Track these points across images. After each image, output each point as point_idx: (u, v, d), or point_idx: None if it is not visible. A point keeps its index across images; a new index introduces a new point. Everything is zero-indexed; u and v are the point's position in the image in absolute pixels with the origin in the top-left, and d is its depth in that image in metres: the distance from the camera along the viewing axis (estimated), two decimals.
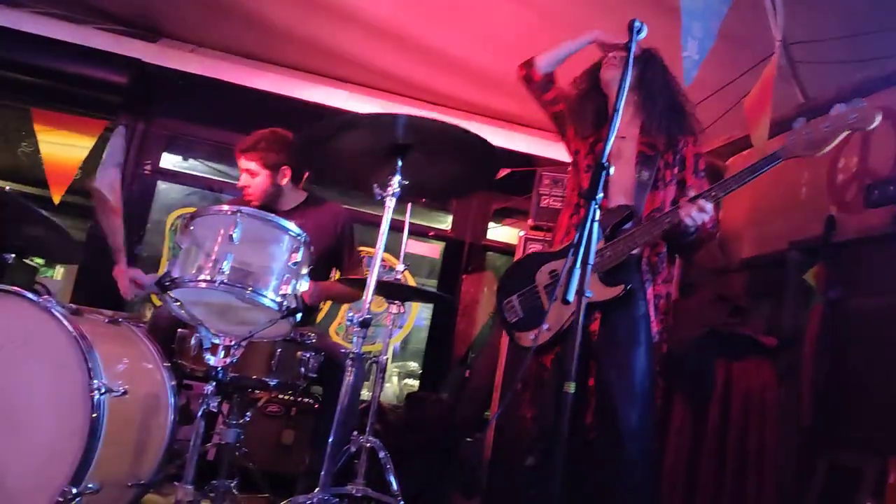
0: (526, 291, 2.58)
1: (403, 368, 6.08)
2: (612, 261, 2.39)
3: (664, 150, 2.54)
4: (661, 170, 2.52)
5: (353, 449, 2.68)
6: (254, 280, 2.06)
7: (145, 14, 4.52)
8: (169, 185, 4.97)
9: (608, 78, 2.62)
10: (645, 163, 2.51)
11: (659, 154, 2.53)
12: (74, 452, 1.92)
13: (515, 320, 2.59)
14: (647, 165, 2.50)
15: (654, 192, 2.50)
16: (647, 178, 2.48)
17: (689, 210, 2.27)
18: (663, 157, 2.54)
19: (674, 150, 2.55)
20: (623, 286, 2.35)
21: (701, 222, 2.28)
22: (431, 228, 5.35)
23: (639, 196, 2.47)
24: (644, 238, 2.37)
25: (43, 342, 2.01)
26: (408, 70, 4.54)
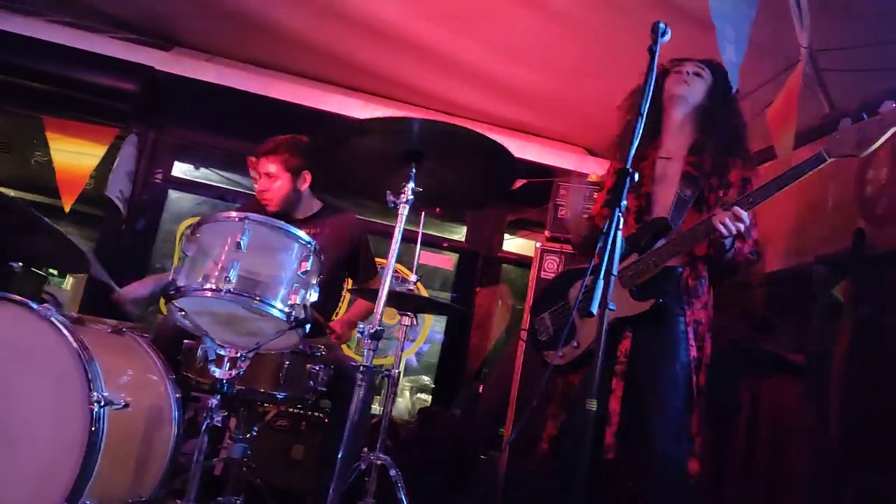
0: (557, 309, 2.52)
1: (416, 383, 5.99)
2: (644, 274, 2.31)
3: (710, 172, 2.45)
4: (704, 192, 2.43)
5: (363, 466, 2.60)
6: (261, 289, 1.99)
7: (160, 23, 4.51)
8: (180, 194, 4.93)
9: (678, 93, 2.53)
10: (689, 181, 2.42)
11: (704, 175, 2.44)
12: (72, 467, 1.84)
13: (546, 339, 2.52)
14: (690, 184, 2.42)
15: (696, 212, 2.41)
16: (689, 196, 2.40)
17: (723, 217, 2.17)
18: (708, 179, 2.45)
19: (720, 173, 2.46)
20: (654, 301, 2.26)
21: (736, 231, 2.18)
22: (445, 239, 5.28)
23: (677, 211, 2.39)
24: (676, 249, 2.29)
25: (43, 352, 1.94)
26: (423, 79, 4.49)
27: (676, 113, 2.55)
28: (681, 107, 2.54)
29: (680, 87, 2.53)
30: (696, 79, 2.54)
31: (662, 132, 2.58)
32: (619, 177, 1.75)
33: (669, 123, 2.57)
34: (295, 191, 3.05)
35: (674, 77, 2.56)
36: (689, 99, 2.53)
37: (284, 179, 3.02)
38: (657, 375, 2.26)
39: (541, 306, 2.59)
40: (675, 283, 2.36)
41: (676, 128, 2.55)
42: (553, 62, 4.03)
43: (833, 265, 3.03)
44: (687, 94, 2.52)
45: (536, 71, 4.12)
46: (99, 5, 4.38)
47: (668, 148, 2.55)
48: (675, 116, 2.56)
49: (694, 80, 2.53)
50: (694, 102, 2.53)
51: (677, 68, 2.58)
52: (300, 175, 3.04)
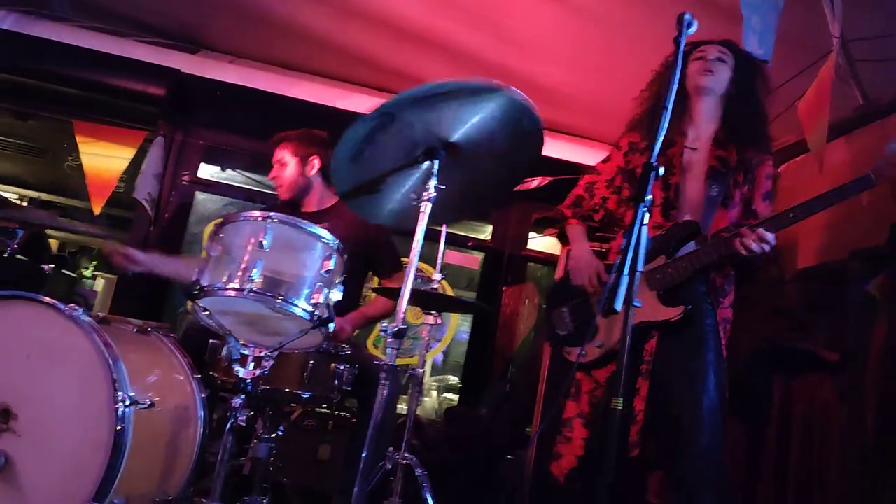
0: (578, 303, 2.46)
1: (443, 382, 5.98)
2: (674, 279, 2.27)
3: (736, 166, 2.40)
4: (730, 187, 2.38)
5: (388, 466, 2.58)
6: (285, 289, 2.00)
7: (187, 26, 4.55)
8: (207, 196, 4.96)
9: (704, 85, 2.45)
10: (715, 178, 2.36)
11: (730, 171, 2.38)
12: (99, 466, 1.86)
13: (565, 334, 2.47)
14: (718, 181, 2.36)
15: (723, 209, 2.37)
16: (717, 195, 2.34)
17: (749, 242, 2.14)
18: (734, 174, 2.39)
19: (745, 168, 2.40)
20: (683, 307, 2.23)
21: (759, 252, 2.15)
22: (470, 238, 5.25)
23: (707, 212, 2.33)
24: (704, 260, 2.25)
25: (69, 352, 1.96)
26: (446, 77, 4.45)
27: (703, 103, 2.49)
28: (708, 97, 2.47)
29: (705, 78, 2.45)
30: (720, 65, 2.46)
31: (688, 120, 2.51)
32: (644, 171, 1.71)
33: (696, 113, 2.50)
34: (304, 176, 3.12)
35: (697, 65, 2.47)
36: (714, 89, 2.46)
37: (293, 164, 3.11)
38: (688, 370, 2.21)
39: (558, 299, 2.54)
40: (703, 282, 2.32)
41: (703, 118, 2.49)
42: (577, 58, 3.99)
43: (869, 261, 2.95)
44: (713, 85, 2.45)
45: (561, 67, 4.08)
46: (126, 10, 4.43)
47: (692, 137, 2.49)
48: (701, 107, 2.49)
49: (718, 67, 2.45)
50: (720, 91, 2.46)
51: (699, 54, 2.49)
52: (308, 161, 3.12)
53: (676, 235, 2.31)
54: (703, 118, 2.48)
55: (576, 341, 2.43)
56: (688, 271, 2.26)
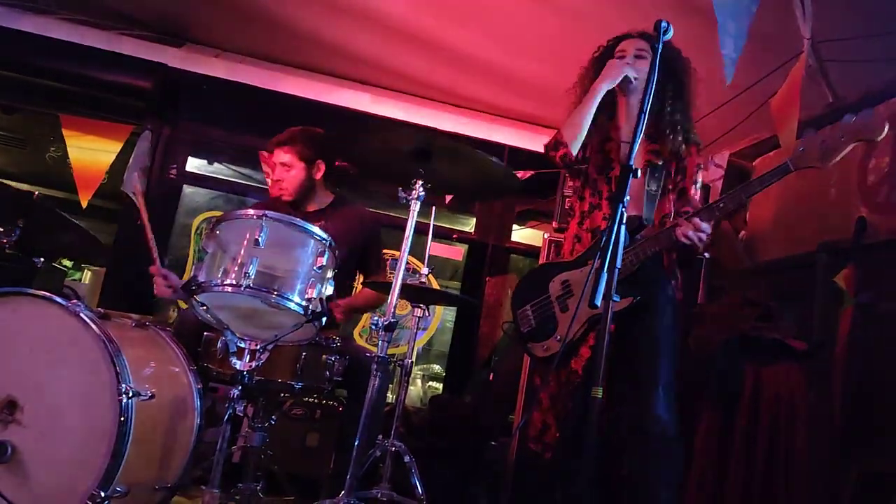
0: (539, 301, 2.57)
1: (427, 371, 6.08)
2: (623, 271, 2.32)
3: (669, 157, 2.53)
4: (664, 179, 2.51)
5: (377, 452, 2.68)
6: (279, 284, 2.07)
7: (171, 20, 4.57)
8: (194, 189, 5.01)
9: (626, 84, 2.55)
10: (652, 173, 2.49)
11: (665, 163, 2.52)
12: (103, 456, 1.94)
13: (528, 330, 2.59)
14: (655, 176, 2.49)
15: (661, 201, 2.51)
16: (655, 190, 2.48)
17: (686, 230, 2.26)
18: (667, 166, 2.53)
19: (678, 158, 2.54)
20: (632, 298, 2.34)
21: (697, 240, 2.27)
22: (455, 231, 5.34)
23: (649, 206, 2.46)
24: (648, 251, 2.37)
25: (72, 346, 2.03)
26: (432, 73, 4.54)
27: (629, 99, 2.60)
28: (632, 94, 2.57)
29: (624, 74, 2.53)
30: (639, 61, 2.55)
31: (620, 116, 2.64)
32: (622, 172, 1.81)
33: (624, 108, 2.63)
34: (309, 179, 3.14)
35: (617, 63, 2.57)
36: (636, 84, 2.54)
37: (299, 168, 3.11)
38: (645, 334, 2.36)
39: (521, 299, 2.63)
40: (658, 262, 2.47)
41: (633, 114, 2.54)
42: (560, 54, 4.04)
43: (835, 253, 3.08)
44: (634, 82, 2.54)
45: (543, 63, 4.16)
46: (111, 4, 4.44)
47: (627, 133, 2.60)
48: (627, 102, 2.61)
49: (637, 63, 2.54)
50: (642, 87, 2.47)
51: (620, 53, 2.60)
52: (314, 164, 3.13)
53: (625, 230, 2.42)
54: (633, 114, 2.54)
55: (538, 337, 2.53)
56: (635, 263, 2.36)
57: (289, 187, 3.12)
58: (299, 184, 3.13)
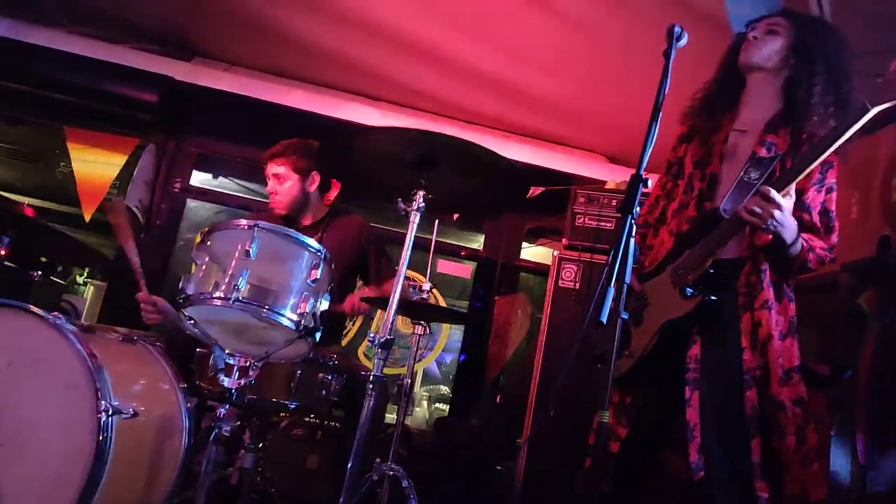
0: None
1: (434, 392, 5.96)
2: (692, 270, 2.08)
3: (787, 152, 2.10)
4: (776, 172, 2.04)
5: (374, 477, 2.56)
6: (271, 298, 1.97)
7: (182, 34, 4.56)
8: (199, 203, 4.96)
9: (745, 61, 2.23)
10: (756, 163, 2.06)
11: (778, 157, 2.07)
12: (80, 476, 1.84)
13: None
14: (758, 166, 2.05)
15: None
16: (754, 179, 2.02)
17: (750, 204, 1.89)
18: (783, 160, 2.08)
19: (798, 152, 2.07)
20: (701, 298, 2.03)
21: (767, 218, 1.87)
22: (463, 248, 5.25)
23: (738, 197, 2.01)
24: (715, 244, 2.03)
25: (52, 361, 1.95)
26: (442, 88, 4.49)
27: (753, 80, 2.25)
28: (756, 73, 2.23)
29: (745, 54, 2.23)
30: (769, 37, 2.21)
31: (743, 102, 2.29)
32: (632, 183, 1.70)
33: (747, 93, 2.27)
34: (304, 192, 3.09)
35: (745, 47, 2.24)
36: (762, 64, 2.20)
37: (293, 181, 3.07)
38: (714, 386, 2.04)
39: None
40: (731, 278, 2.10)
41: (755, 97, 2.24)
42: (572, 69, 4.00)
43: (859, 274, 2.95)
44: (757, 59, 2.20)
45: (555, 78, 4.10)
46: (120, 17, 4.43)
47: (744, 120, 2.25)
48: (750, 85, 2.26)
49: (765, 41, 2.20)
50: (771, 65, 2.20)
51: (750, 32, 2.26)
52: (309, 176, 3.09)
53: (699, 226, 2.14)
54: (755, 97, 2.25)
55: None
56: (702, 260, 2.06)
57: (283, 200, 3.08)
58: (294, 197, 3.08)
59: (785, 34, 2.20)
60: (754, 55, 2.21)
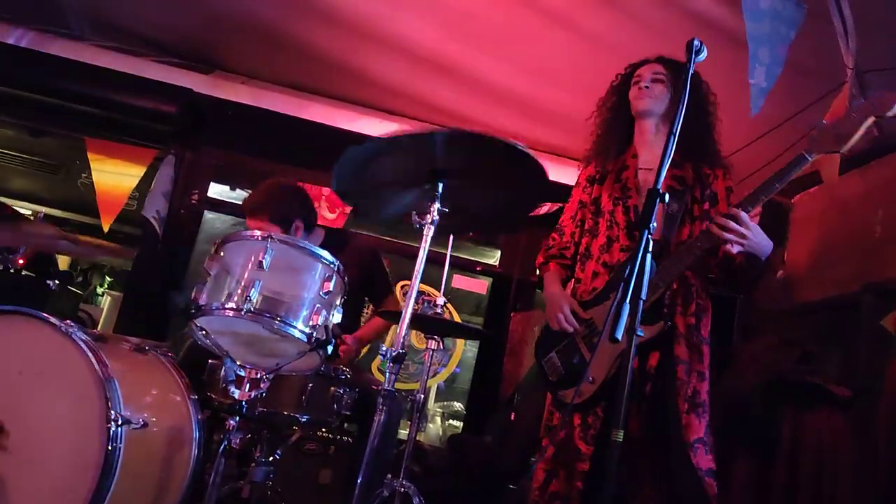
0: (564, 345, 2.41)
1: (448, 409, 5.90)
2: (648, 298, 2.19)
3: (692, 184, 2.39)
4: (688, 204, 2.36)
5: (385, 493, 2.53)
6: (283, 310, 1.97)
7: (202, 47, 4.60)
8: (216, 215, 4.97)
9: (642, 108, 2.47)
10: (674, 195, 2.34)
11: (688, 189, 2.37)
12: (88, 486, 1.83)
13: (557, 379, 2.42)
14: (677, 198, 2.34)
15: (682, 226, 2.35)
16: (677, 211, 2.32)
17: (723, 222, 2.09)
18: (692, 191, 2.38)
19: (702, 184, 2.39)
20: (662, 323, 2.20)
21: (739, 234, 2.08)
22: (479, 263, 5.22)
23: (667, 229, 2.30)
24: (678, 269, 2.21)
25: (64, 370, 1.94)
26: (459, 103, 4.48)
27: (647, 125, 2.48)
28: (650, 119, 2.47)
29: (641, 102, 2.45)
30: (656, 86, 2.45)
31: (639, 143, 2.51)
32: (649, 198, 1.67)
33: (643, 135, 2.50)
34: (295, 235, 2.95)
35: (633, 90, 2.48)
36: (653, 110, 2.45)
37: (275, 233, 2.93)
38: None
39: (545, 347, 2.48)
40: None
41: (650, 140, 2.48)
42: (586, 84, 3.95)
43: (882, 294, 2.89)
44: (650, 107, 2.44)
45: (569, 93, 4.07)
46: (143, 31, 4.48)
47: (646, 158, 2.48)
48: (646, 129, 2.49)
49: (654, 88, 2.45)
50: (660, 111, 2.45)
51: (636, 78, 2.50)
52: (291, 226, 2.92)
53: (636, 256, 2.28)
54: (651, 138, 2.47)
55: (568, 383, 2.37)
56: (659, 287, 2.22)
57: None
58: None
59: (668, 82, 2.45)
60: (646, 103, 2.44)
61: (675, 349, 2.24)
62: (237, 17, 4.15)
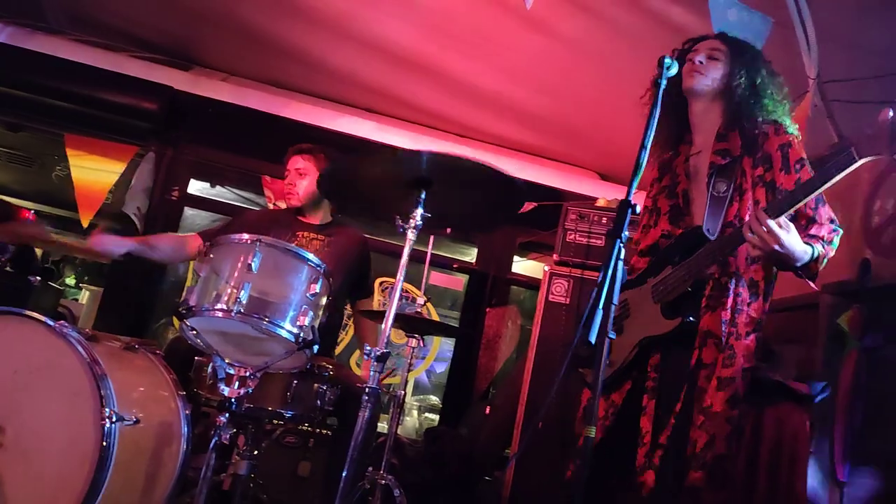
0: None
1: (424, 402, 6.00)
2: (675, 290, 2.13)
3: (742, 153, 2.18)
4: (737, 179, 2.15)
5: (367, 485, 2.62)
6: (271, 310, 2.04)
7: (181, 43, 4.62)
8: (195, 212, 5.00)
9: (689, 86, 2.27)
10: (720, 174, 2.16)
11: (736, 160, 2.17)
12: (83, 481, 1.89)
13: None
14: (723, 176, 2.15)
15: (731, 205, 2.15)
16: (724, 191, 2.13)
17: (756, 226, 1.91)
18: (740, 163, 2.17)
19: (751, 149, 2.17)
20: (681, 319, 2.09)
21: (765, 242, 1.90)
22: (455, 260, 5.31)
23: (713, 215, 2.12)
24: (700, 266, 2.07)
25: (57, 368, 2.00)
26: (437, 102, 4.56)
27: (698, 105, 2.32)
28: (701, 98, 2.30)
29: (692, 80, 2.27)
30: (711, 63, 2.27)
31: (691, 127, 2.36)
32: (621, 208, 1.76)
33: (694, 117, 2.34)
34: (321, 192, 3.14)
35: (686, 67, 2.28)
36: (704, 90, 2.27)
37: (313, 177, 3.15)
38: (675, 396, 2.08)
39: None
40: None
41: (703, 120, 2.32)
42: (565, 88, 4.08)
43: (839, 295, 3.03)
44: (701, 86, 2.26)
45: (549, 96, 4.17)
46: (122, 26, 4.49)
47: (697, 142, 2.34)
48: (697, 109, 2.33)
49: (708, 67, 2.26)
50: (713, 89, 2.27)
51: (691, 55, 2.32)
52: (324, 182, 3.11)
53: (681, 243, 2.18)
54: (703, 120, 2.33)
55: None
56: (686, 280, 2.10)
57: (299, 192, 3.17)
58: (310, 192, 3.17)
59: (725, 60, 2.27)
60: (697, 82, 2.26)
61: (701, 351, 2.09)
62: (217, 15, 4.18)
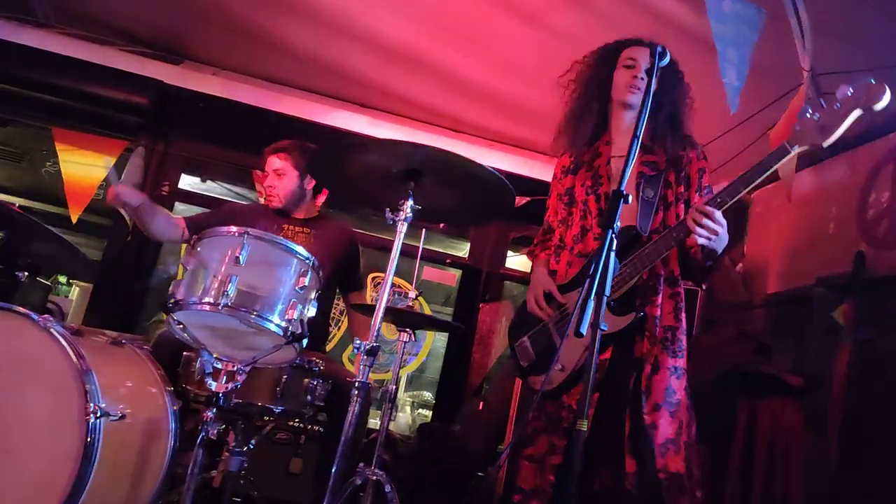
0: (536, 331, 2.43)
1: (417, 398, 5.99)
2: (623, 286, 2.22)
3: (666, 167, 2.35)
4: (662, 189, 2.34)
5: (358, 481, 2.59)
6: (259, 304, 2.01)
7: (171, 37, 4.56)
8: (186, 206, 4.95)
9: (632, 102, 2.38)
10: (648, 182, 2.32)
11: (661, 173, 2.35)
12: (67, 478, 1.86)
13: (528, 364, 2.43)
14: (651, 184, 2.32)
15: (657, 213, 2.32)
16: (652, 197, 2.30)
17: (699, 218, 2.06)
18: (665, 175, 2.35)
19: (676, 167, 2.36)
20: (634, 315, 2.19)
21: (711, 230, 2.06)
22: (448, 255, 5.28)
23: (644, 216, 2.29)
24: (653, 258, 2.19)
25: (42, 363, 1.96)
26: (429, 96, 4.52)
27: (626, 115, 2.44)
28: (631, 110, 2.41)
29: (631, 95, 2.38)
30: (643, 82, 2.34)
31: (612, 128, 2.48)
32: (613, 198, 1.75)
33: (618, 123, 2.46)
34: (301, 189, 3.17)
35: (626, 77, 2.39)
36: (638, 104, 2.35)
37: (292, 176, 3.14)
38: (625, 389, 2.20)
39: (518, 331, 2.50)
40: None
41: (626, 128, 2.43)
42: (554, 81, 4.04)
43: (833, 288, 3.02)
44: (638, 101, 2.36)
45: (541, 90, 4.11)
46: (111, 20, 4.44)
47: (620, 146, 2.43)
48: (623, 117, 2.45)
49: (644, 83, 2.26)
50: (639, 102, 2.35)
51: (629, 62, 2.41)
52: (307, 175, 3.15)
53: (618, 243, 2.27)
54: (626, 128, 2.43)
55: (539, 369, 2.37)
56: (632, 276, 2.21)
57: (279, 194, 3.15)
58: (290, 192, 3.15)
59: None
60: (638, 98, 2.36)
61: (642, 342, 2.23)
62: (207, 8, 4.13)
